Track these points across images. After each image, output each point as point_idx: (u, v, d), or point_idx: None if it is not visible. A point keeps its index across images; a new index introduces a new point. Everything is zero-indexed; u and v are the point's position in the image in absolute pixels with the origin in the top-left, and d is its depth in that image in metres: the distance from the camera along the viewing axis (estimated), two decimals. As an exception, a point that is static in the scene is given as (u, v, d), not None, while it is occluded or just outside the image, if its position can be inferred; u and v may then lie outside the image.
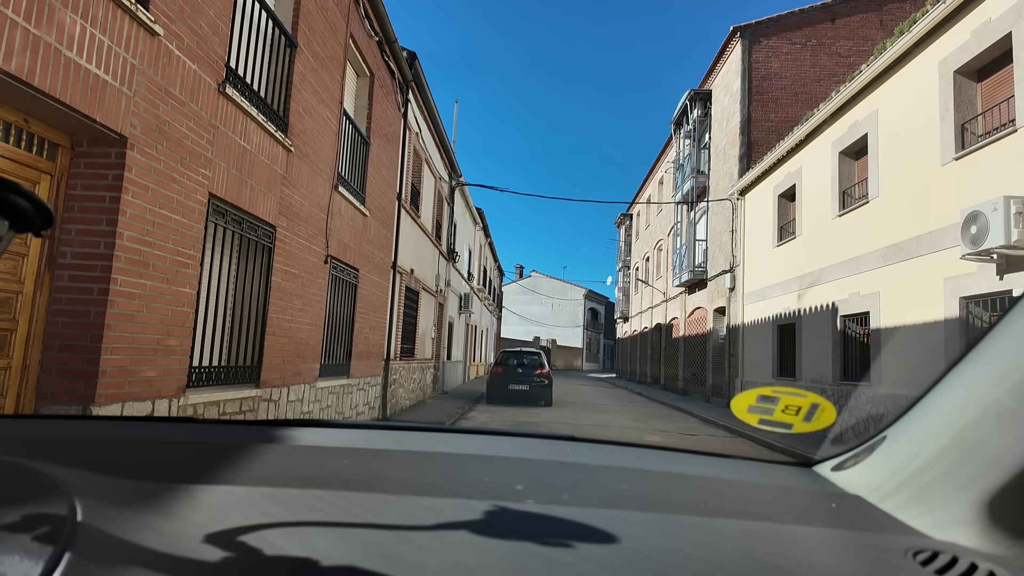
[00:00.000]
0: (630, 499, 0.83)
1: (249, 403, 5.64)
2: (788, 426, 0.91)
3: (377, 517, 0.67)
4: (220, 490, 0.72)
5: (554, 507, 0.74)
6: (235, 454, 0.90)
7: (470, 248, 23.05)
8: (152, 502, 0.65)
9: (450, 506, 0.73)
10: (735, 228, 16.72)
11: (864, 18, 17.66)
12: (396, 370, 11.49)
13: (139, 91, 3.94)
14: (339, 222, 7.85)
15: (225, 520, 0.62)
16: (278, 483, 0.78)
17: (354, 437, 1.11)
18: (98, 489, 0.66)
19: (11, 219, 0.61)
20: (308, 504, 0.70)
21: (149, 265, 4.10)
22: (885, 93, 9.96)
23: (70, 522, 0.55)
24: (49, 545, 0.49)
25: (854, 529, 0.72)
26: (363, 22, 8.51)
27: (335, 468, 0.88)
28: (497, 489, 0.83)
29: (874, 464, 0.81)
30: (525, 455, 1.05)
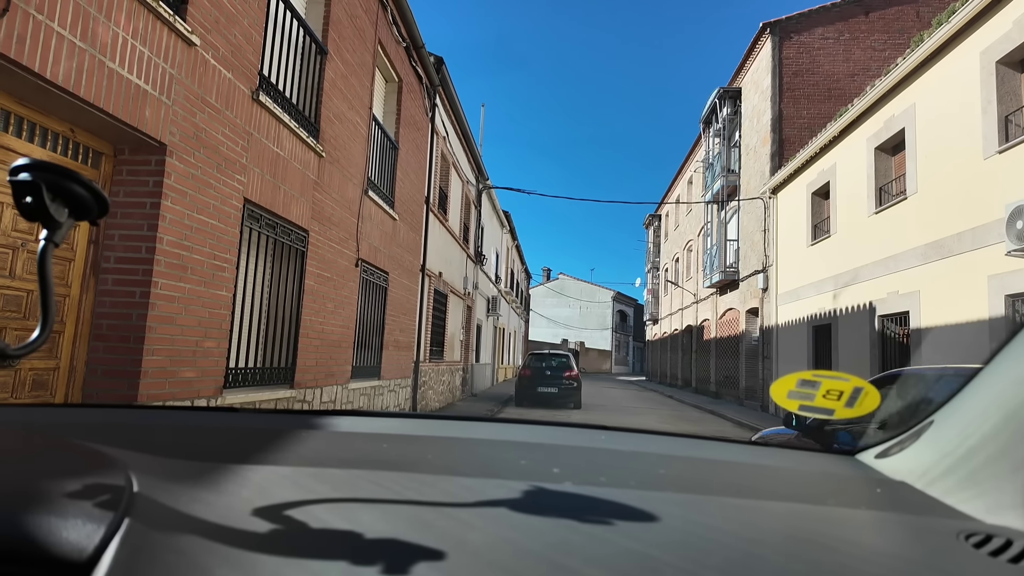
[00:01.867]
0: (668, 482, 0.82)
1: (283, 404, 5.75)
2: (830, 411, 0.89)
3: (418, 495, 0.68)
4: (266, 470, 0.74)
5: (592, 488, 0.74)
6: (278, 439, 0.93)
7: (497, 251, 23.11)
8: (202, 479, 0.67)
9: (489, 485, 0.73)
10: (767, 227, 16.42)
11: (900, 10, 17.19)
12: (426, 372, 11.58)
13: (177, 100, 4.06)
14: (369, 226, 7.95)
15: (272, 496, 0.64)
16: (320, 464, 0.80)
17: (391, 425, 1.13)
18: (151, 466, 0.69)
19: (71, 207, 0.64)
20: (350, 483, 0.72)
21: (188, 269, 4.22)
22: (923, 86, 9.68)
23: (127, 492, 0.57)
24: (109, 511, 0.51)
25: (901, 512, 0.71)
26: (391, 28, 8.62)
27: (375, 451, 0.89)
28: (534, 471, 0.83)
29: (920, 450, 0.79)
30: (560, 442, 1.05)
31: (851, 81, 16.97)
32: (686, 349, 26.98)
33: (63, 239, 0.65)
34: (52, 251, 0.63)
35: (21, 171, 0.60)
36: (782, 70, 16.96)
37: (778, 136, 16.61)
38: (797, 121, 16.73)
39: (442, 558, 0.51)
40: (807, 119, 16.72)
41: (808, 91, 16.99)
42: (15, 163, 0.61)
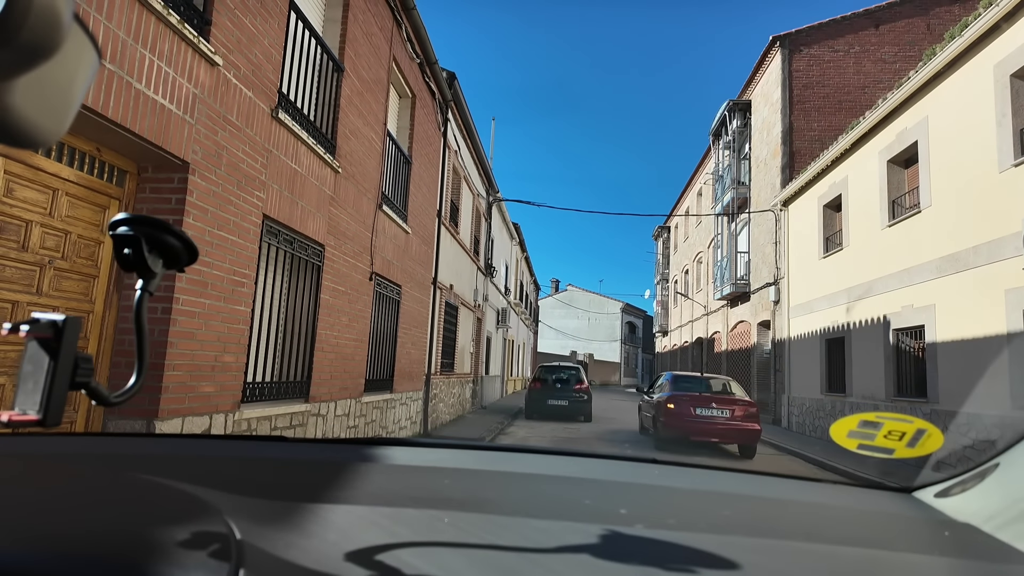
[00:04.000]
0: (736, 524, 0.82)
1: (299, 418, 5.77)
2: (889, 451, 0.89)
3: (499, 539, 0.69)
4: (342, 509, 0.75)
5: (663, 531, 0.75)
6: (341, 473, 0.94)
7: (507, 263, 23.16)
8: (285, 521, 0.68)
9: (563, 528, 0.74)
10: (778, 240, 16.37)
11: (910, 23, 17.20)
12: (436, 385, 11.58)
13: (200, 118, 4.13)
14: (383, 240, 8.01)
15: (357, 539, 0.65)
16: (393, 503, 0.81)
17: (445, 457, 1.13)
18: (239, 508, 0.70)
19: (164, 256, 0.66)
20: (429, 525, 0.73)
21: (208, 285, 4.26)
22: (936, 99, 9.66)
23: (232, 539, 0.58)
24: (224, 562, 0.52)
25: (970, 558, 0.70)
26: (405, 45, 8.73)
27: (441, 488, 0.90)
28: (601, 512, 0.84)
29: (986, 492, 0.79)
30: (616, 478, 1.06)
31: (862, 93, 16.96)
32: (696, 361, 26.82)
33: (156, 288, 0.67)
34: (147, 301, 0.65)
35: (120, 225, 0.63)
36: (792, 83, 16.99)
37: (788, 148, 16.60)
38: (808, 133, 16.73)
39: None
40: (817, 131, 16.72)
41: (818, 103, 16.99)
42: (115, 217, 0.63)
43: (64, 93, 0.38)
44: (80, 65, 0.39)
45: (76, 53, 0.37)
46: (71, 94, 0.39)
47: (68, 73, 0.38)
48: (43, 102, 0.37)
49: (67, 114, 0.39)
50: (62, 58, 0.36)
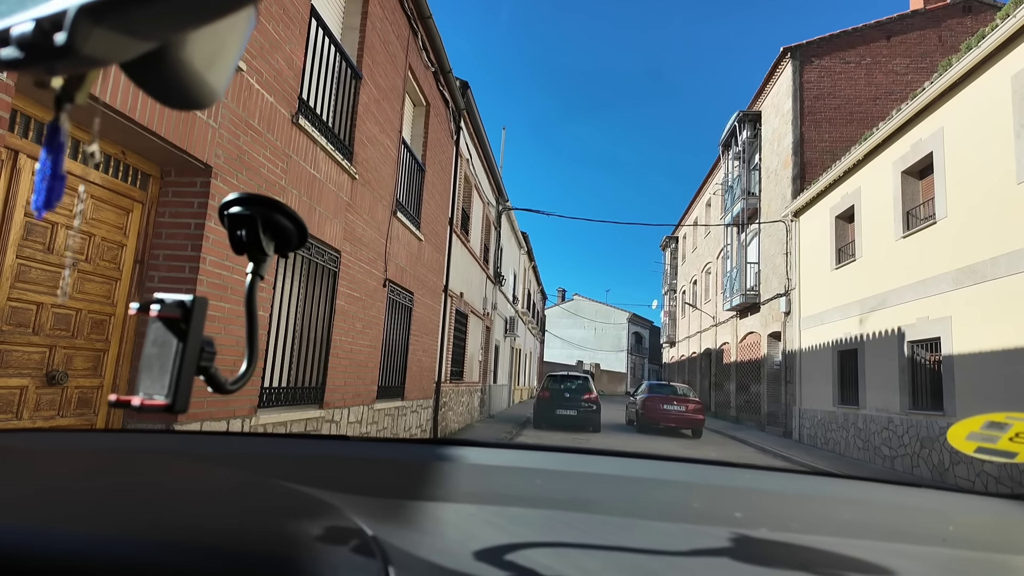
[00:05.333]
0: (858, 528, 0.79)
1: (313, 424, 5.74)
2: (1012, 455, 0.85)
3: (624, 540, 0.66)
4: (445, 507, 0.73)
5: (789, 535, 0.72)
6: (424, 472, 0.92)
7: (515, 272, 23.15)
8: (403, 518, 0.66)
9: (691, 532, 0.71)
10: (789, 250, 16.29)
11: (921, 35, 17.19)
12: (446, 392, 11.54)
13: (223, 123, 4.14)
14: (396, 247, 8.01)
15: (480, 538, 0.62)
16: (496, 502, 0.78)
17: (519, 458, 1.10)
18: (357, 505, 0.68)
19: (276, 239, 0.63)
20: (546, 525, 0.70)
21: (228, 289, 4.26)
22: (951, 110, 9.62)
23: (369, 536, 0.55)
24: (372, 559, 0.49)
25: None
26: (420, 53, 8.77)
27: (536, 488, 0.87)
28: (717, 516, 0.81)
29: None
30: (710, 481, 1.02)
31: (873, 105, 16.93)
32: (704, 373, 26.66)
33: (267, 271, 0.64)
34: (258, 285, 0.62)
35: (234, 204, 0.60)
36: (803, 94, 16.98)
37: (799, 159, 16.56)
38: (819, 144, 16.69)
39: None
40: (829, 142, 16.68)
41: (829, 115, 16.96)
42: (228, 197, 0.61)
43: (227, 51, 0.36)
44: (241, 22, 0.37)
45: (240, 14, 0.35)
46: (232, 53, 0.37)
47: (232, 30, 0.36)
48: (210, 59, 0.34)
49: (228, 73, 0.37)
50: None
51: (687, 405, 15.12)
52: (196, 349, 0.49)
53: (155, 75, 0.33)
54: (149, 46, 0.30)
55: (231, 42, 0.36)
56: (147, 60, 0.32)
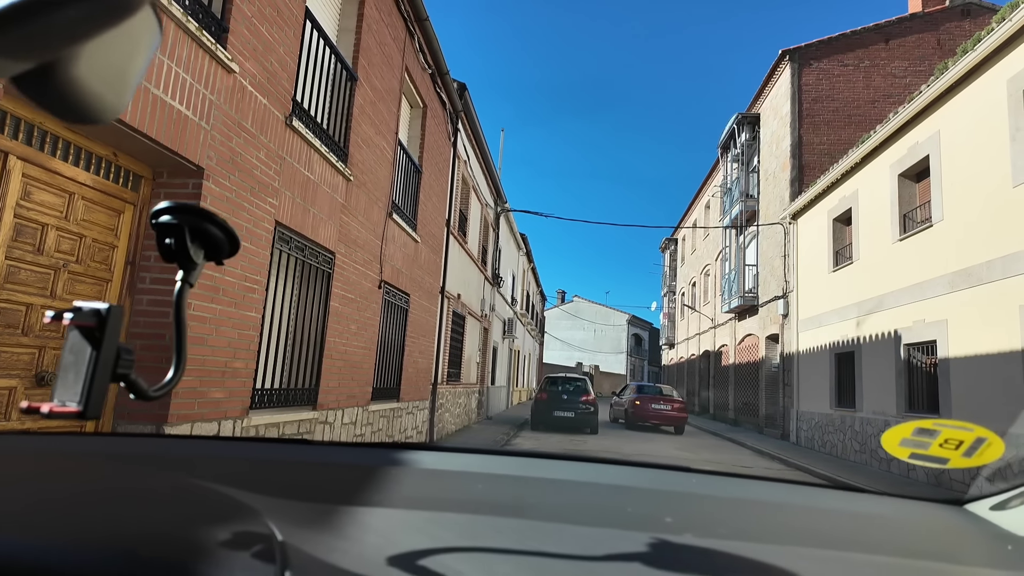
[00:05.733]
0: (788, 534, 0.80)
1: (306, 425, 5.75)
2: (944, 461, 0.86)
3: (544, 545, 0.66)
4: (377, 512, 0.73)
5: (715, 540, 0.72)
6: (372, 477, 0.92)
7: (514, 273, 23.16)
8: (324, 523, 0.66)
9: (612, 536, 0.72)
10: (787, 253, 16.30)
11: (920, 38, 17.21)
12: (443, 394, 11.54)
13: (215, 125, 4.15)
14: (392, 248, 8.01)
15: (398, 543, 0.63)
16: (430, 507, 0.79)
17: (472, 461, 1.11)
18: (278, 509, 0.68)
19: (207, 248, 0.64)
20: (470, 529, 0.71)
21: (219, 290, 4.26)
22: (948, 113, 9.63)
23: (275, 541, 0.56)
24: (269, 564, 0.50)
25: None
26: (417, 56, 8.79)
27: (475, 493, 0.88)
28: (647, 520, 0.81)
29: None
30: (652, 486, 1.03)
31: (871, 108, 16.95)
32: (703, 375, 26.66)
33: (197, 280, 0.65)
34: (188, 293, 0.63)
35: (163, 214, 0.61)
36: (801, 96, 17.00)
37: (798, 162, 16.57)
38: (817, 147, 16.70)
39: None
40: (827, 145, 16.69)
41: (828, 117, 16.98)
42: (158, 206, 0.61)
43: (127, 68, 0.37)
44: (143, 40, 0.37)
45: (141, 27, 0.36)
46: (133, 69, 0.38)
47: (132, 47, 0.36)
48: (106, 75, 0.35)
49: (128, 90, 0.38)
50: (128, 29, 0.34)
51: (672, 404, 16.83)
52: (111, 357, 0.50)
53: (46, 90, 0.34)
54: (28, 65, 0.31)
55: (129, 58, 0.37)
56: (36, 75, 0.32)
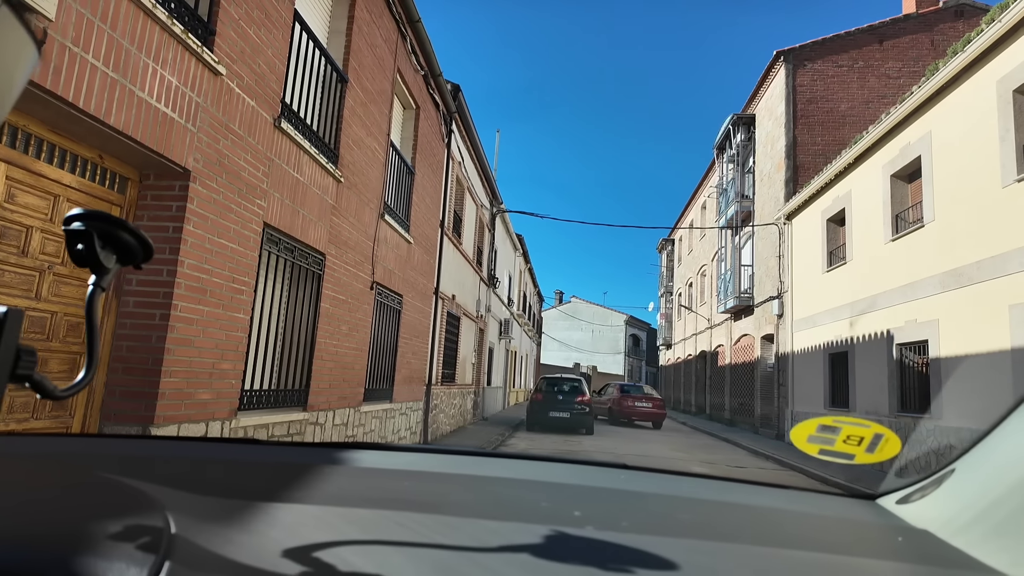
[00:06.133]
0: (689, 528, 0.82)
1: (296, 426, 5.76)
2: (850, 456, 0.88)
3: (444, 538, 0.69)
4: (294, 508, 0.76)
5: (613, 533, 0.75)
6: (303, 474, 0.94)
7: (510, 274, 23.17)
8: (233, 518, 0.68)
9: (513, 529, 0.74)
10: (782, 253, 16.34)
11: (914, 39, 17.27)
12: (437, 395, 11.55)
13: (202, 127, 4.17)
14: (384, 249, 8.03)
15: (301, 537, 0.65)
16: (347, 503, 0.81)
17: (412, 460, 1.13)
18: (186, 505, 0.70)
19: (119, 254, 0.66)
20: (377, 524, 0.73)
21: (207, 292, 4.28)
22: (939, 114, 9.67)
23: (167, 534, 0.58)
24: (151, 554, 0.52)
25: (925, 564, 0.70)
26: (410, 57, 8.81)
27: (398, 489, 0.91)
28: (556, 514, 0.84)
29: (943, 498, 0.79)
30: (580, 482, 1.05)
31: (866, 108, 17.00)
32: (700, 375, 26.70)
33: (110, 284, 0.67)
34: (100, 296, 0.65)
35: (74, 220, 0.63)
36: (796, 97, 17.05)
37: (792, 162, 16.62)
38: (811, 148, 16.75)
39: None
40: (821, 146, 16.74)
41: (822, 118, 17.03)
42: (69, 213, 0.63)
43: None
44: (18, 59, 0.39)
45: (10, 45, 0.37)
46: (6, 89, 0.39)
47: (3, 66, 0.38)
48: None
49: (3, 105, 0.39)
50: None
51: (651, 402, 18.71)
52: (10, 358, 0.52)
53: None
54: None
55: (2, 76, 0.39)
56: None
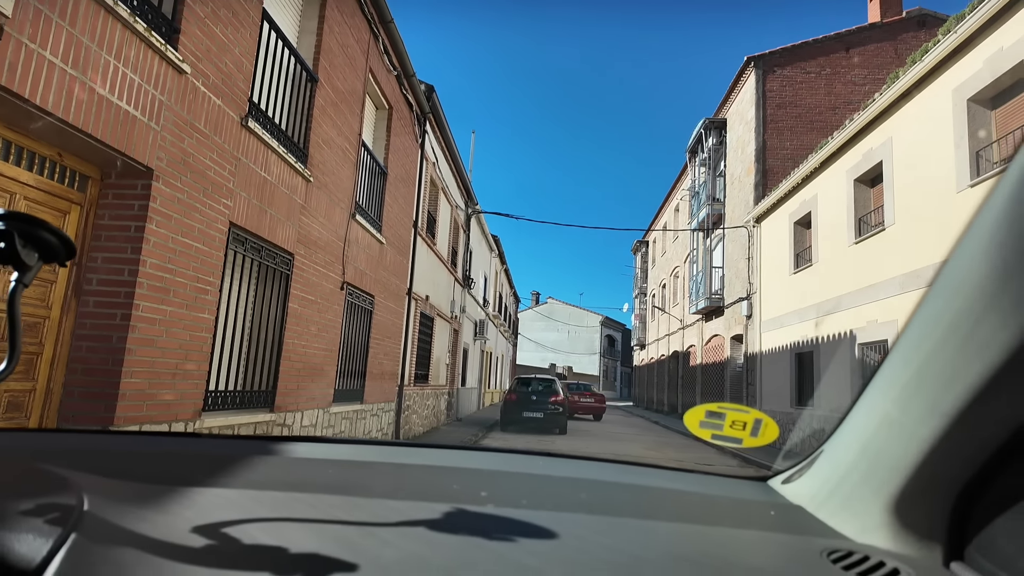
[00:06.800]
0: (584, 505, 0.89)
1: (263, 427, 5.73)
2: (738, 440, 0.96)
3: (350, 516, 0.74)
4: (211, 492, 0.80)
5: (511, 510, 0.81)
6: (232, 464, 0.98)
7: (485, 275, 23.20)
8: (150, 500, 0.73)
9: (415, 508, 0.80)
10: (751, 255, 16.67)
11: (879, 47, 17.77)
12: (410, 396, 11.54)
13: (166, 125, 4.13)
14: (356, 250, 8.01)
15: (212, 516, 0.70)
16: (263, 487, 0.86)
17: (345, 451, 1.18)
18: (104, 488, 0.74)
19: (40, 251, 0.70)
20: (287, 505, 0.78)
21: (170, 291, 4.24)
22: (899, 121, 9.99)
23: (77, 511, 0.62)
24: (58, 527, 0.56)
25: (789, 534, 0.79)
26: (382, 57, 8.80)
27: (320, 476, 0.95)
28: (463, 495, 0.90)
29: (813, 477, 0.87)
30: (497, 468, 1.11)
31: (832, 114, 17.44)
32: (672, 375, 27.06)
33: (31, 280, 0.70)
34: (21, 291, 0.69)
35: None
36: (766, 102, 17.40)
37: (762, 166, 16.96)
38: (780, 152, 17.12)
39: (356, 571, 0.57)
40: (790, 150, 17.12)
41: (791, 123, 17.42)
42: None
43: None
44: None
45: None
46: None
47: None
48: None
49: None
50: None
51: (593, 398, 22.00)
52: None
53: None
54: None
55: None
56: None
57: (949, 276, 0.55)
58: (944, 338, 0.55)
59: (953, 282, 0.54)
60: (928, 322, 0.58)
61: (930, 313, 0.58)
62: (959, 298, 0.53)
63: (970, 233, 0.52)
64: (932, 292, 0.58)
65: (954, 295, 0.54)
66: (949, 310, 0.54)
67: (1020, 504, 0.59)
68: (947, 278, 0.56)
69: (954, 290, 0.54)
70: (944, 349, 0.55)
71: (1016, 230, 0.46)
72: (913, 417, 0.62)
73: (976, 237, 0.51)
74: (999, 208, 0.48)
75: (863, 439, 0.72)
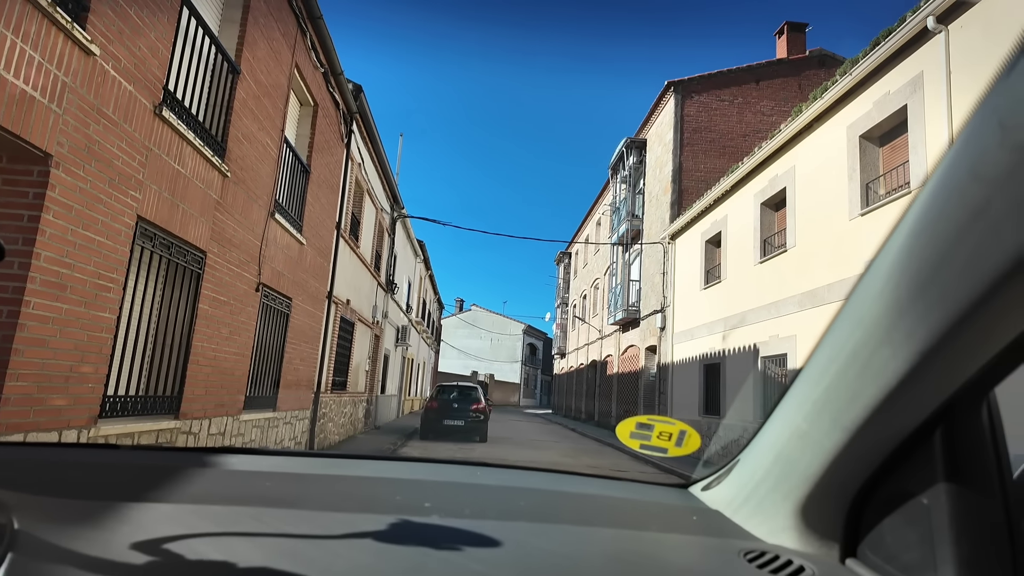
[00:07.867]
0: (525, 513, 0.93)
1: (166, 435, 5.38)
2: (664, 451, 1.03)
3: (296, 529, 0.73)
4: (147, 507, 0.77)
5: (455, 520, 0.83)
6: (163, 476, 0.94)
7: (410, 280, 22.91)
8: (84, 517, 0.69)
9: (362, 520, 0.80)
10: (666, 270, 17.44)
11: (784, 81, 19.19)
12: (326, 403, 11.18)
13: (69, 109, 3.83)
14: (273, 249, 7.71)
15: (151, 532, 0.68)
16: (202, 501, 0.83)
17: (278, 463, 1.16)
18: (34, 505, 0.70)
19: None
20: (231, 519, 0.76)
21: (67, 288, 3.92)
22: (801, 151, 10.82)
23: (8, 531, 0.59)
24: None
25: (709, 536, 0.86)
26: (309, 53, 8.56)
27: (259, 489, 0.93)
28: (407, 506, 0.91)
29: (730, 484, 0.95)
30: (438, 478, 1.13)
31: (743, 140, 18.62)
32: (590, 383, 27.75)
33: None
34: None
35: None
36: (683, 126, 18.34)
37: (678, 186, 17.83)
38: (695, 173, 18.08)
39: None
40: (704, 172, 18.12)
41: (705, 147, 18.45)
42: None
43: None
44: None
45: None
46: None
47: None
48: None
49: None
50: None
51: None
52: None
53: None
54: None
55: None
56: None
57: (853, 308, 0.63)
58: (848, 363, 0.63)
59: (856, 314, 0.62)
60: (834, 348, 0.66)
61: (836, 340, 0.66)
62: (860, 329, 0.61)
63: (870, 271, 0.61)
64: (838, 321, 0.66)
65: (856, 326, 0.62)
66: (852, 339, 0.62)
67: (903, 506, 0.68)
68: (851, 310, 0.64)
69: (857, 321, 0.62)
70: (847, 372, 0.63)
71: (909, 271, 0.53)
72: (820, 430, 0.69)
73: (875, 275, 0.59)
74: (896, 249, 0.56)
75: (776, 450, 0.80)
